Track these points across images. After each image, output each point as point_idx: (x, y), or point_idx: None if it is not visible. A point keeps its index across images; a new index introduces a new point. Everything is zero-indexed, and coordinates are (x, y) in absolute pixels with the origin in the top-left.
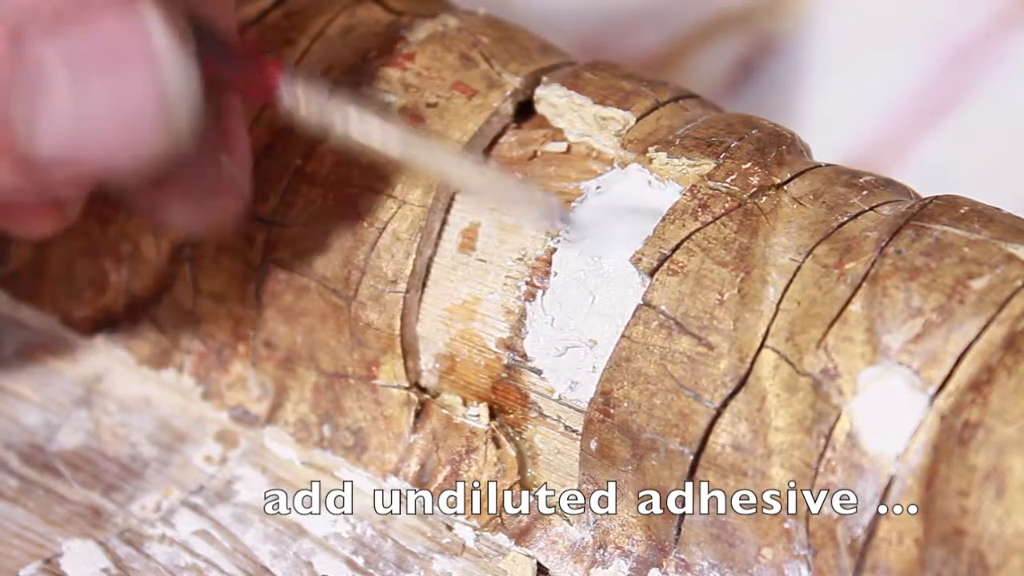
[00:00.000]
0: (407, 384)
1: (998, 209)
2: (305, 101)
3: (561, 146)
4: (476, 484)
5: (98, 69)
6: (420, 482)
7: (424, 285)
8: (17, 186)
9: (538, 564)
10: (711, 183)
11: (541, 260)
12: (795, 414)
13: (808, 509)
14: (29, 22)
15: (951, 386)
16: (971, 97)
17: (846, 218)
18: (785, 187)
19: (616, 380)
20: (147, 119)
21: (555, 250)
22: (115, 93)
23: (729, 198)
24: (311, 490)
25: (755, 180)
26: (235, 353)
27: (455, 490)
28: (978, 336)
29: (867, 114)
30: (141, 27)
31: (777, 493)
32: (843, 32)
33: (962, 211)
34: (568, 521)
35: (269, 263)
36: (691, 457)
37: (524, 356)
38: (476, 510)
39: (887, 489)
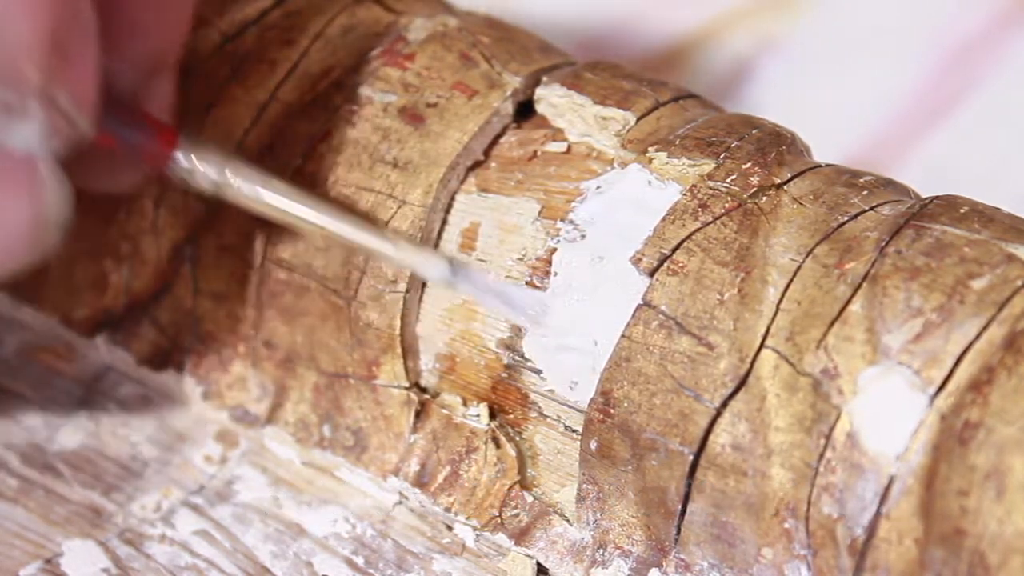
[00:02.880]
0: (407, 384)
1: (998, 209)
2: (199, 171)
3: (561, 146)
4: (476, 484)
5: None
6: (420, 482)
7: (424, 285)
8: None
9: (538, 564)
10: (711, 183)
11: (541, 260)
12: (795, 414)
13: (808, 509)
14: None
15: (951, 386)
16: (971, 97)
17: (846, 218)
18: (785, 187)
19: (616, 380)
20: (21, 241)
21: (555, 250)
22: None
23: (729, 198)
24: (311, 490)
25: (755, 180)
26: (235, 353)
27: (455, 490)
28: (978, 336)
29: (867, 114)
30: (27, 160)
31: (777, 493)
32: (843, 32)
33: (962, 211)
34: (568, 521)
35: (269, 263)
36: (691, 457)
37: (524, 356)
38: (476, 510)
39: (887, 489)
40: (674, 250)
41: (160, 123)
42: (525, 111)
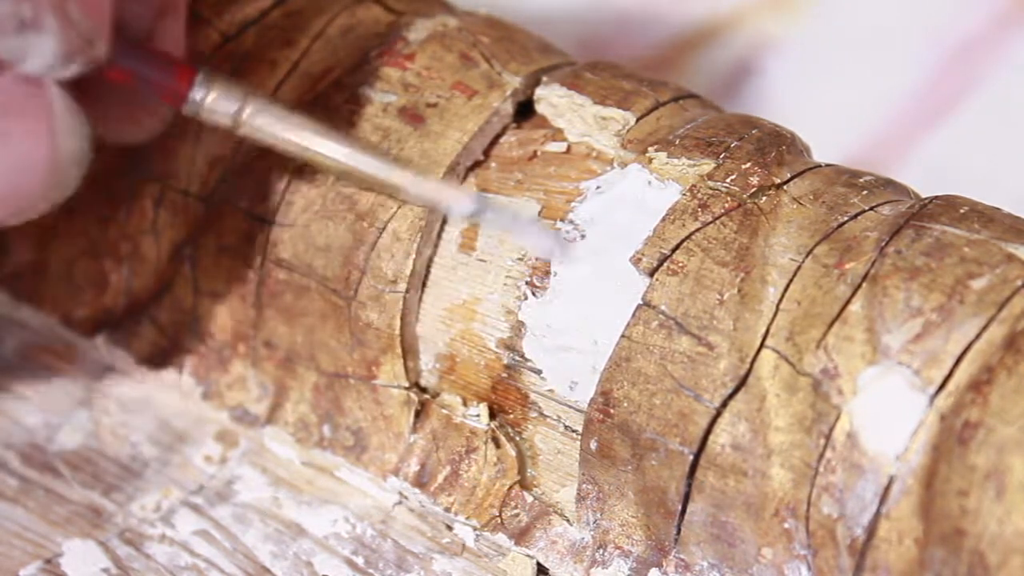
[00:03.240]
0: (407, 384)
1: (998, 209)
2: (218, 107)
3: (561, 146)
4: (476, 484)
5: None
6: (420, 482)
7: (424, 285)
8: None
9: (538, 564)
10: (711, 183)
11: (541, 260)
12: (795, 414)
13: (808, 509)
14: None
15: (951, 386)
16: (971, 97)
17: (846, 218)
18: (785, 187)
19: (616, 380)
20: (39, 177)
21: None
22: (12, 154)
23: (729, 198)
24: (311, 490)
25: (755, 180)
26: (235, 353)
27: (455, 490)
28: (978, 336)
29: (867, 114)
30: (43, 91)
31: (777, 493)
32: (843, 32)
33: (962, 211)
34: (568, 521)
35: (269, 263)
36: (691, 457)
37: (524, 356)
38: (476, 510)
39: (887, 489)
40: (674, 250)
41: (177, 60)
42: (525, 111)
